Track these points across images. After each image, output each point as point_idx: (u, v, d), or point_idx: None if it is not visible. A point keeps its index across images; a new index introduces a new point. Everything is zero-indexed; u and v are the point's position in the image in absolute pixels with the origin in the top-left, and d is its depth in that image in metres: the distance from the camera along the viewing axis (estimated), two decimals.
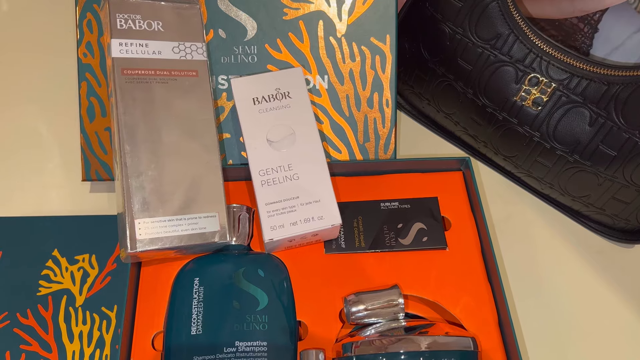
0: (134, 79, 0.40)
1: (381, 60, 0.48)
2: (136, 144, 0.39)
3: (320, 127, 0.48)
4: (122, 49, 0.41)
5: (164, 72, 0.41)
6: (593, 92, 0.44)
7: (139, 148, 0.39)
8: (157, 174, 0.39)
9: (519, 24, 0.45)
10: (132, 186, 0.38)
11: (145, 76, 0.41)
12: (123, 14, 0.41)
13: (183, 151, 0.40)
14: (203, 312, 0.39)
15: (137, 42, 0.41)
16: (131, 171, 0.38)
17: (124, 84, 0.40)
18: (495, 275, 0.42)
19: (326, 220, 0.40)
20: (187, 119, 0.41)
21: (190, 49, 0.43)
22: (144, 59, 0.41)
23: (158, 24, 0.42)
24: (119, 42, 0.41)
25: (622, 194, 0.46)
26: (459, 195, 0.47)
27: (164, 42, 0.42)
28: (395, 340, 0.36)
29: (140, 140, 0.39)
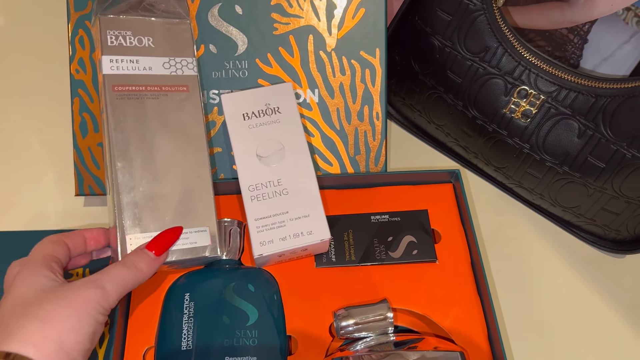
0: (124, 95, 0.41)
1: (371, 73, 0.48)
2: (127, 159, 0.39)
3: (311, 140, 0.49)
4: (113, 65, 0.41)
5: (154, 88, 0.42)
6: (581, 104, 0.44)
7: (130, 164, 0.39)
8: (148, 190, 0.39)
9: (507, 36, 0.46)
10: (123, 202, 0.38)
11: (136, 92, 0.41)
12: (114, 31, 0.42)
13: (174, 166, 0.40)
14: (194, 328, 0.39)
15: (127, 58, 0.42)
16: (122, 187, 0.39)
17: (115, 100, 0.40)
18: (485, 289, 0.42)
19: (315, 235, 0.41)
20: (179, 133, 0.41)
21: (180, 64, 0.43)
22: (135, 75, 0.42)
23: (149, 39, 0.43)
24: (109, 58, 0.41)
25: (611, 205, 0.47)
26: (449, 207, 0.48)
27: (155, 58, 0.42)
28: (384, 355, 0.36)
29: (132, 156, 0.39)
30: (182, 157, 0.41)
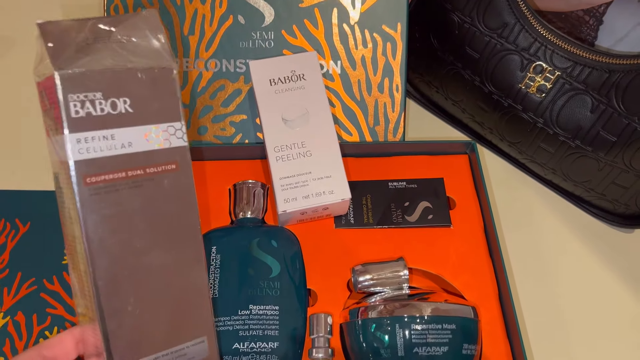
0: (100, 188, 0.30)
1: (392, 47, 0.50)
2: (110, 277, 0.31)
3: (332, 110, 0.51)
4: (82, 147, 0.29)
5: (137, 172, 0.31)
6: (595, 79, 0.46)
7: (114, 281, 0.31)
8: (138, 307, 0.31)
9: (525, 13, 0.47)
10: (110, 329, 0.30)
11: (114, 182, 0.30)
12: (78, 94, 0.29)
13: (165, 270, 0.32)
14: (219, 278, 0.41)
15: (100, 134, 0.30)
16: (108, 312, 0.30)
17: (87, 198, 0.29)
18: (497, 252, 0.44)
19: (337, 194, 0.43)
20: (168, 229, 0.32)
21: (167, 133, 0.32)
22: (111, 157, 0.30)
23: (124, 102, 0.31)
24: (76, 137, 0.29)
25: (621, 179, 0.48)
26: (464, 177, 0.49)
27: (134, 129, 0.31)
28: (400, 306, 0.38)
29: (115, 270, 0.31)
30: (173, 257, 0.33)
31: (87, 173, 0.29)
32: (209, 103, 0.51)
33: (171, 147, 0.32)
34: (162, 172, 0.32)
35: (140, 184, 0.31)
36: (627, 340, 0.48)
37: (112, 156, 0.30)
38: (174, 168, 0.32)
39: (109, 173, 0.30)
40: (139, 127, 0.31)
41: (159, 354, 0.32)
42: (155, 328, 0.32)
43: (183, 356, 0.33)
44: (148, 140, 0.32)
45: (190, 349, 0.33)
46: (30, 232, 0.51)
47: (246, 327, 0.39)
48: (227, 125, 0.51)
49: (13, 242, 0.50)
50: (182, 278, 0.33)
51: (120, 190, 0.31)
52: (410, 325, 0.37)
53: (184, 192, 0.33)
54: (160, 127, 0.32)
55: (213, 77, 0.51)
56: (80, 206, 0.29)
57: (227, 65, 0.51)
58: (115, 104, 0.30)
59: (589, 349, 0.47)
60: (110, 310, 0.30)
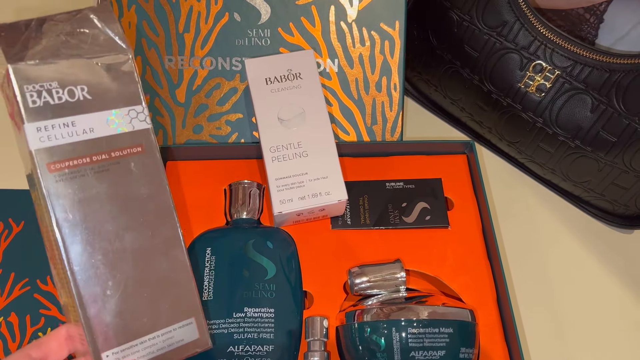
0: (65, 175, 0.30)
1: (390, 45, 0.50)
2: (85, 261, 0.31)
3: (329, 110, 0.50)
4: (42, 135, 0.30)
5: (102, 157, 0.32)
6: (595, 79, 0.45)
7: (89, 266, 0.31)
8: (117, 292, 0.32)
9: (525, 12, 0.47)
10: (91, 316, 0.31)
11: (79, 167, 0.31)
12: (33, 85, 0.30)
13: (142, 253, 0.33)
14: (214, 280, 0.41)
15: (60, 121, 0.31)
16: (87, 298, 0.31)
17: (53, 185, 0.30)
18: (495, 254, 0.44)
19: (333, 195, 0.42)
20: (140, 211, 0.33)
21: (129, 117, 0.33)
22: (73, 143, 0.31)
23: (82, 89, 0.31)
24: (35, 126, 0.30)
25: (621, 179, 0.48)
26: (463, 177, 0.49)
27: (95, 115, 0.32)
28: (396, 309, 0.38)
29: (89, 255, 0.31)
30: (148, 238, 0.33)
31: (50, 160, 0.30)
32: (204, 102, 0.50)
33: (135, 130, 0.33)
34: (127, 155, 0.33)
35: (107, 168, 0.32)
36: (626, 342, 0.47)
37: (74, 142, 0.31)
38: (139, 151, 0.33)
39: (72, 159, 0.31)
40: (99, 113, 0.32)
41: (145, 338, 0.32)
42: (139, 312, 0.32)
43: (171, 339, 0.33)
44: (110, 124, 0.32)
45: (178, 331, 0.33)
46: (23, 232, 0.50)
47: (241, 329, 0.39)
48: (223, 124, 0.50)
49: (6, 242, 0.50)
50: (161, 260, 0.33)
51: (86, 176, 0.31)
52: (407, 329, 0.37)
53: (152, 174, 0.33)
54: (122, 111, 0.33)
55: (208, 75, 0.50)
56: (47, 193, 0.30)
57: (223, 64, 0.50)
58: (72, 91, 0.31)
59: (587, 351, 0.47)
60: (88, 296, 0.31)
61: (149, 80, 0.50)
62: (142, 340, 0.32)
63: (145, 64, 0.50)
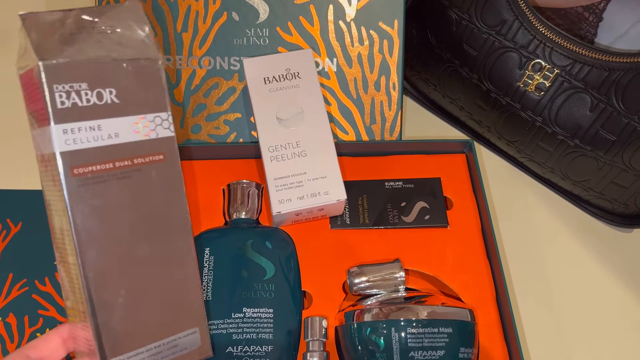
0: (88, 179, 0.30)
1: (389, 44, 0.50)
2: (100, 268, 0.30)
3: (328, 109, 0.50)
4: (69, 138, 0.29)
5: (124, 163, 0.31)
6: (594, 78, 0.45)
7: (103, 273, 0.30)
8: (128, 300, 0.31)
9: (524, 10, 0.47)
10: (100, 321, 0.30)
11: (102, 172, 0.30)
12: (63, 85, 0.29)
13: (155, 262, 0.32)
14: (213, 280, 0.41)
15: (86, 124, 0.30)
16: (98, 306, 0.30)
17: (75, 189, 0.29)
18: (495, 253, 0.44)
19: (332, 195, 0.42)
20: (157, 220, 0.32)
21: (154, 124, 0.32)
22: (98, 147, 0.30)
23: (110, 92, 0.31)
24: (62, 128, 0.29)
25: (621, 178, 0.48)
26: (462, 176, 0.49)
27: (121, 119, 0.31)
28: (396, 309, 0.38)
29: (104, 262, 0.30)
30: (163, 249, 0.33)
31: (74, 164, 0.29)
32: (202, 101, 0.50)
33: (158, 138, 0.32)
34: (149, 162, 0.32)
35: (128, 175, 0.31)
36: (626, 341, 0.47)
37: (99, 147, 0.30)
38: (161, 159, 0.32)
39: (96, 164, 0.30)
40: (125, 118, 0.31)
41: (151, 346, 0.32)
42: (146, 319, 0.32)
43: (175, 347, 0.33)
44: (135, 130, 0.31)
45: (183, 339, 0.33)
46: (22, 232, 0.50)
47: (240, 330, 0.39)
48: (221, 123, 0.50)
49: (4, 242, 0.49)
50: (172, 270, 0.33)
51: (107, 181, 0.30)
52: (406, 329, 0.36)
53: (172, 183, 0.33)
54: (147, 117, 0.32)
55: (207, 74, 0.50)
56: (68, 197, 0.29)
57: (221, 63, 0.50)
58: (101, 94, 0.30)
59: (587, 350, 0.47)
60: (100, 302, 0.30)
61: None
62: (148, 347, 0.32)
63: None
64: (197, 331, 0.34)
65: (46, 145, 0.30)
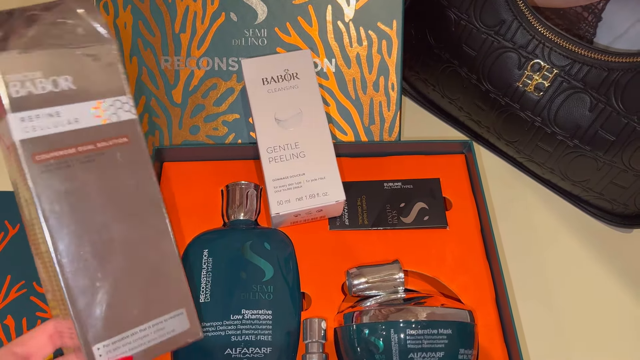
0: (50, 165, 0.30)
1: (387, 44, 0.49)
2: (73, 253, 0.30)
3: (326, 110, 0.50)
4: (27, 125, 0.30)
5: (87, 147, 0.31)
6: (594, 78, 0.45)
7: (78, 258, 0.30)
8: (106, 283, 0.31)
9: (523, 10, 0.46)
10: (81, 309, 0.30)
11: (65, 157, 0.31)
12: (16, 74, 0.30)
13: (130, 243, 0.32)
14: (211, 281, 0.41)
15: (44, 111, 0.30)
16: (76, 292, 0.30)
17: (39, 176, 0.30)
18: (494, 254, 0.44)
19: (331, 196, 0.42)
20: (127, 201, 0.33)
21: (114, 107, 0.33)
22: (59, 134, 0.31)
23: (66, 79, 0.31)
24: (20, 116, 0.29)
25: (620, 178, 0.48)
26: (461, 177, 0.49)
27: (79, 105, 0.31)
28: (395, 310, 0.38)
29: (77, 247, 0.30)
30: (137, 229, 0.33)
31: (35, 150, 0.30)
32: (200, 102, 0.50)
33: (120, 121, 0.33)
34: (113, 145, 0.32)
35: (93, 159, 0.31)
36: (626, 342, 0.47)
37: (59, 133, 0.30)
38: (125, 141, 0.33)
39: (58, 150, 0.30)
40: (83, 103, 0.32)
41: (136, 329, 0.32)
42: (129, 303, 0.32)
43: (162, 330, 0.32)
44: (95, 115, 0.32)
45: (169, 321, 0.33)
46: (20, 234, 0.50)
47: (238, 332, 0.39)
48: (220, 124, 0.50)
49: (2, 244, 0.49)
50: (150, 250, 0.33)
51: (72, 166, 0.31)
52: (406, 330, 0.36)
53: (139, 165, 0.33)
54: (106, 101, 0.32)
55: (205, 75, 0.50)
56: (33, 184, 0.29)
57: (220, 64, 0.50)
58: (56, 82, 0.31)
59: (586, 351, 0.47)
60: (77, 288, 0.30)
61: (145, 81, 0.50)
62: (133, 331, 0.32)
63: (141, 65, 0.50)
64: (183, 312, 0.33)
65: (7, 135, 0.30)
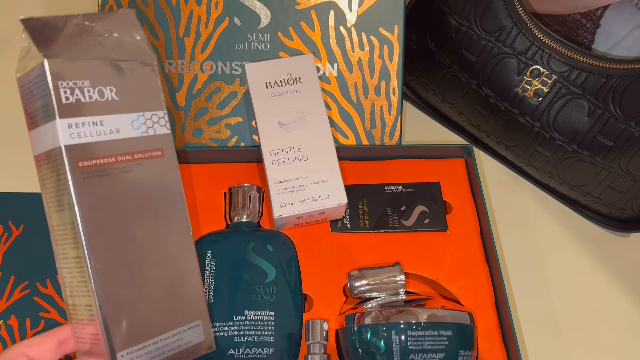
0: (92, 172, 0.31)
1: (389, 49, 0.50)
2: (106, 261, 0.31)
3: (329, 114, 0.50)
4: (73, 132, 0.30)
5: (126, 157, 0.32)
6: (592, 84, 0.46)
7: (110, 265, 0.31)
8: (134, 292, 0.32)
9: (522, 17, 0.47)
10: (108, 314, 0.31)
11: (105, 166, 0.32)
12: (67, 82, 0.31)
13: (157, 255, 0.33)
14: (214, 283, 0.41)
15: (90, 120, 0.31)
16: (105, 297, 0.31)
17: (81, 182, 0.30)
18: (493, 257, 0.44)
19: (333, 199, 0.43)
20: (157, 214, 0.33)
21: (151, 121, 0.34)
22: (102, 142, 0.32)
23: (111, 90, 0.32)
24: (67, 122, 0.30)
25: (618, 183, 0.48)
26: (461, 180, 0.49)
27: (121, 116, 0.33)
28: (396, 312, 0.38)
29: (110, 255, 0.31)
30: (164, 242, 0.34)
31: (79, 157, 0.30)
32: (204, 105, 0.50)
33: (156, 135, 0.34)
34: (149, 157, 0.33)
35: (130, 169, 0.33)
36: (623, 345, 0.48)
37: (101, 141, 0.32)
38: (159, 154, 0.34)
39: (99, 157, 0.31)
40: (125, 115, 0.33)
41: (158, 339, 0.33)
42: (152, 312, 0.32)
43: (180, 340, 0.33)
44: (134, 127, 0.33)
45: (187, 332, 0.34)
46: (23, 234, 0.50)
47: (241, 332, 0.39)
48: (223, 127, 0.50)
49: (6, 245, 0.50)
50: (174, 263, 0.34)
51: (111, 175, 0.32)
52: (407, 332, 0.37)
53: (170, 178, 0.34)
54: (145, 115, 0.34)
55: (209, 79, 0.50)
56: (74, 190, 0.30)
57: (223, 67, 0.50)
58: (102, 92, 0.32)
59: (585, 354, 0.47)
60: (107, 294, 0.31)
61: None
62: (155, 340, 0.32)
63: None
64: (199, 324, 0.34)
65: (50, 140, 0.31)
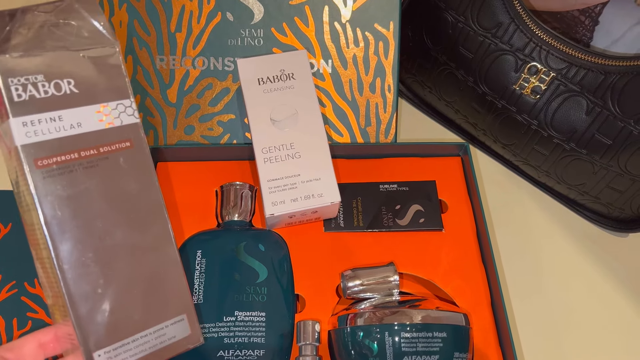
0: (53, 171, 0.30)
1: (384, 46, 0.49)
2: (74, 259, 0.30)
3: (323, 111, 0.50)
4: (29, 130, 0.29)
5: (90, 152, 0.31)
6: (590, 81, 0.45)
7: (79, 264, 0.30)
8: (108, 289, 0.31)
9: (520, 13, 0.46)
10: (82, 315, 0.30)
11: (67, 163, 0.30)
12: (18, 78, 0.29)
13: (133, 249, 0.32)
14: (205, 283, 0.40)
15: (46, 115, 0.30)
16: (77, 298, 0.30)
17: (41, 182, 0.29)
18: (489, 257, 0.43)
19: (326, 197, 0.42)
20: (129, 207, 0.32)
21: (117, 111, 0.32)
22: (61, 138, 0.30)
23: (69, 82, 0.31)
24: (21, 121, 0.29)
25: (616, 182, 0.47)
26: (457, 179, 0.48)
27: (82, 109, 0.31)
28: (389, 313, 0.37)
29: (79, 253, 0.30)
30: (139, 235, 0.32)
31: (37, 156, 0.29)
32: (196, 102, 0.49)
33: (123, 125, 0.32)
34: (116, 150, 0.32)
35: (95, 164, 0.31)
36: (621, 346, 0.47)
37: (61, 137, 0.30)
38: (128, 146, 0.32)
39: (60, 155, 0.30)
40: (86, 107, 0.31)
41: (137, 336, 0.32)
42: (130, 309, 0.31)
43: (163, 336, 0.32)
44: (97, 119, 0.31)
45: (170, 328, 0.33)
46: (11, 233, 0.49)
47: (231, 334, 0.38)
48: (215, 124, 0.50)
49: None
50: (152, 256, 0.32)
51: (74, 171, 0.30)
52: (400, 333, 0.36)
53: (142, 170, 0.33)
54: (109, 105, 0.32)
55: (200, 75, 0.49)
56: (35, 190, 0.29)
57: (215, 64, 0.49)
58: (59, 85, 0.30)
59: (582, 355, 0.46)
60: (78, 294, 0.30)
61: (140, 80, 0.49)
62: (134, 338, 0.31)
63: (136, 64, 0.49)
64: (184, 318, 0.33)
65: (10, 139, 0.30)
